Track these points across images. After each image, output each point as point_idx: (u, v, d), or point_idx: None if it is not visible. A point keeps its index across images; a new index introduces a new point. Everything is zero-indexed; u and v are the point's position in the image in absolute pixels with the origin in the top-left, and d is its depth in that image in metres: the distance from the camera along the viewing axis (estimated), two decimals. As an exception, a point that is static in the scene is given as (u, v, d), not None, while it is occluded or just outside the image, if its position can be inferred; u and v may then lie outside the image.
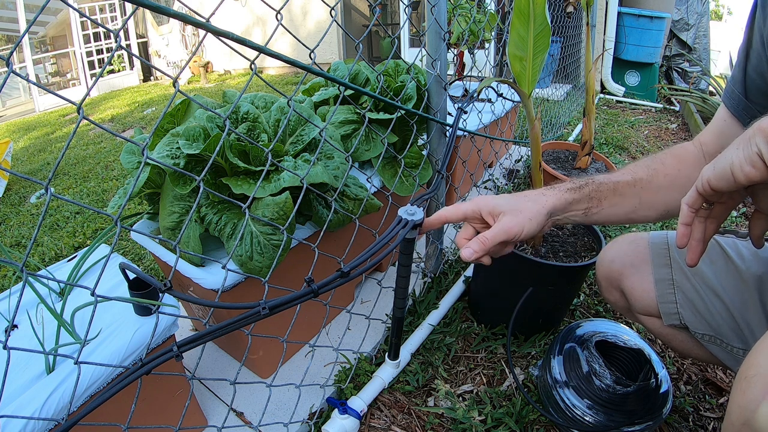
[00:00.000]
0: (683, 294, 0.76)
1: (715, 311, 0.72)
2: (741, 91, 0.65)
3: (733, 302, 0.70)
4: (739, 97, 0.65)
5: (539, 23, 0.86)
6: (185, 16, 0.51)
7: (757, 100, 0.63)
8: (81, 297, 0.79)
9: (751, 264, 0.71)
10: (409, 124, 1.18)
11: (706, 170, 0.47)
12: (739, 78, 0.65)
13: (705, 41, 3.82)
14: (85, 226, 2.02)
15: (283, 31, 0.68)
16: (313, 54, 0.68)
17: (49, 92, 0.47)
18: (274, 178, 0.86)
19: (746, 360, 0.43)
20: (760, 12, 0.60)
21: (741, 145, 0.43)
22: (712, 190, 0.47)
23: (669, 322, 0.78)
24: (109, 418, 0.70)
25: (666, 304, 0.77)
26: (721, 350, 0.73)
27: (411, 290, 1.31)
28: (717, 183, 0.45)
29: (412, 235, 0.71)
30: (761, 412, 0.38)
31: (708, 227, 0.52)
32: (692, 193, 0.50)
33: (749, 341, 0.68)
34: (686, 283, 0.75)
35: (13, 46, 0.39)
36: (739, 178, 0.43)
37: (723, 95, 0.69)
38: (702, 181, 0.48)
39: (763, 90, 0.62)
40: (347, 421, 0.90)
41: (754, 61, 0.62)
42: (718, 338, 0.72)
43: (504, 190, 2.03)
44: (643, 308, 0.81)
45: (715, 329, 0.72)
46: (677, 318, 0.76)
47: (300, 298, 0.60)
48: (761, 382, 0.39)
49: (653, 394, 0.85)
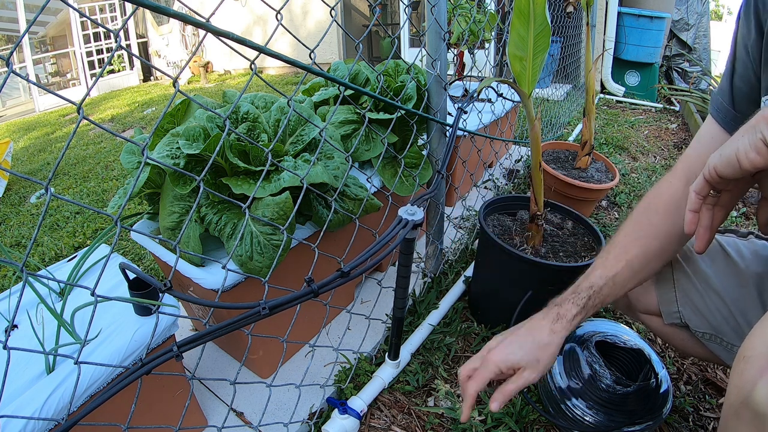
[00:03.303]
0: (684, 292, 0.76)
1: (716, 310, 0.72)
2: (729, 101, 0.66)
3: (734, 301, 0.70)
4: (727, 109, 0.66)
5: (539, 23, 0.86)
6: (185, 16, 0.51)
7: (745, 110, 0.64)
8: (81, 297, 0.79)
9: (751, 263, 0.71)
10: (409, 124, 1.18)
11: (713, 157, 0.48)
12: (726, 89, 0.66)
13: (705, 41, 3.82)
14: (85, 226, 2.02)
15: (283, 31, 0.68)
16: (313, 54, 0.68)
17: (49, 92, 0.47)
18: (274, 178, 0.86)
19: (744, 342, 0.44)
20: (743, 21, 0.61)
21: (746, 133, 0.44)
22: (719, 177, 0.47)
23: (669, 320, 0.78)
24: (109, 418, 0.70)
25: (667, 303, 0.78)
26: (722, 349, 0.73)
27: (411, 290, 1.31)
28: (723, 170, 0.46)
29: (412, 235, 0.71)
30: (758, 390, 0.38)
31: (716, 215, 0.53)
32: (700, 180, 0.51)
33: None
34: (687, 281, 0.76)
35: (13, 46, 0.39)
36: (744, 164, 0.44)
37: (711, 107, 0.70)
38: (709, 168, 0.48)
39: (750, 97, 0.63)
40: (347, 421, 0.90)
41: (740, 70, 0.63)
42: (718, 337, 0.73)
43: (504, 190, 2.03)
44: (643, 307, 0.82)
45: (716, 328, 0.72)
46: (678, 317, 0.76)
47: (300, 298, 0.60)
48: (758, 362, 0.40)
49: (653, 394, 0.85)
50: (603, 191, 1.63)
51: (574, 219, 1.23)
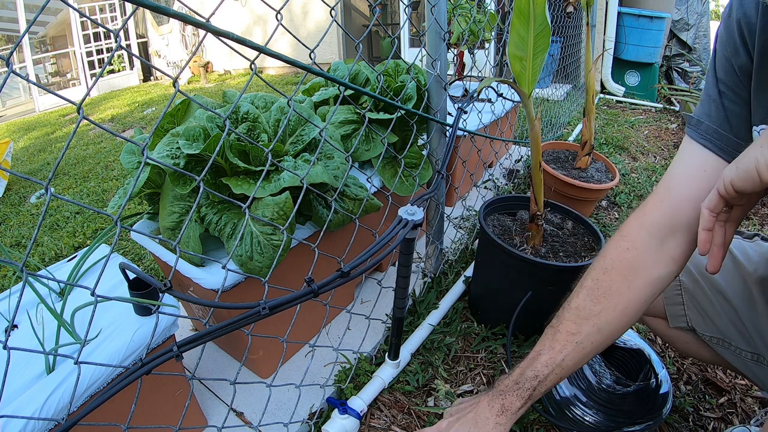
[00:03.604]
0: (691, 296, 0.74)
1: (723, 314, 0.71)
2: (727, 129, 0.59)
3: (741, 305, 0.69)
4: (727, 136, 0.59)
5: (539, 23, 0.86)
6: (185, 16, 0.51)
7: (744, 136, 0.58)
8: (81, 297, 0.79)
9: (759, 266, 0.70)
10: (409, 124, 1.18)
11: (728, 171, 0.45)
12: (719, 116, 0.60)
13: (705, 41, 3.82)
14: (85, 226, 2.02)
15: (283, 31, 0.68)
16: (313, 54, 0.68)
17: (49, 92, 0.47)
18: (274, 178, 0.86)
19: None
20: (728, 44, 0.58)
21: (765, 143, 0.41)
22: (736, 192, 0.45)
23: (676, 324, 0.76)
24: (109, 418, 0.70)
25: (673, 306, 0.76)
26: (730, 353, 0.72)
27: (411, 290, 1.31)
28: (742, 184, 0.44)
29: (412, 235, 0.71)
30: None
31: (727, 231, 0.50)
32: (713, 197, 0.48)
33: (758, 345, 0.67)
34: (694, 285, 0.74)
35: (13, 46, 0.39)
36: (765, 177, 0.41)
37: (698, 134, 0.61)
38: (724, 184, 0.45)
39: (744, 118, 0.58)
40: (347, 421, 0.90)
41: (727, 93, 0.59)
42: (726, 341, 0.71)
43: (504, 190, 2.03)
44: (648, 310, 0.80)
45: (723, 332, 0.71)
46: (684, 320, 0.75)
47: (300, 298, 0.60)
48: None
49: (653, 394, 0.85)
50: (603, 191, 1.63)
51: (574, 219, 1.23)
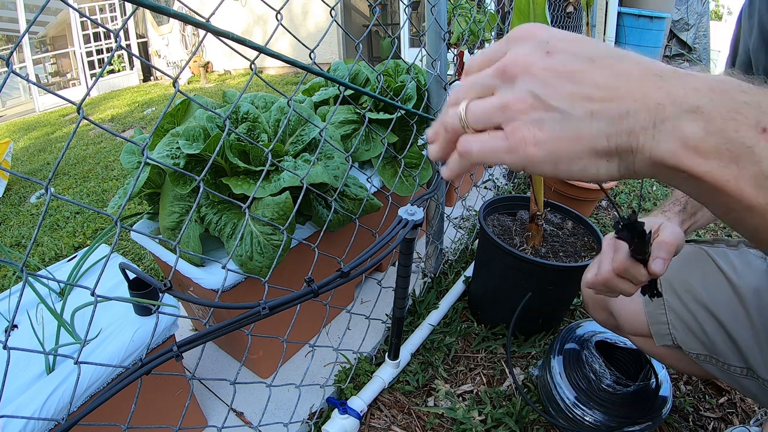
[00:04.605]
0: (675, 313, 0.71)
1: (709, 330, 0.68)
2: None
3: (728, 318, 0.66)
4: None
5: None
6: (185, 16, 0.51)
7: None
8: (81, 297, 0.79)
9: (745, 275, 0.67)
10: (409, 124, 1.18)
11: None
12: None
13: (705, 41, 3.83)
14: (85, 226, 2.02)
15: (283, 31, 0.68)
16: (313, 54, 0.68)
17: (49, 92, 0.47)
18: (274, 178, 0.86)
19: None
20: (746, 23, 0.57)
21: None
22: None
23: (661, 342, 0.73)
24: (109, 418, 0.70)
25: (657, 325, 0.73)
26: (718, 370, 0.69)
27: (411, 290, 1.31)
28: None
29: (412, 235, 0.71)
30: None
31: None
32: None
33: (748, 358, 0.64)
34: (677, 302, 0.71)
35: (13, 46, 0.39)
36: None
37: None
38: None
39: None
40: (347, 421, 0.90)
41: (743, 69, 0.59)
42: (713, 357, 0.68)
43: (504, 190, 2.03)
44: (632, 329, 0.77)
45: (710, 348, 0.68)
46: (669, 339, 0.72)
47: (300, 298, 0.60)
48: None
49: (653, 394, 0.85)
50: (603, 191, 1.63)
51: (574, 219, 1.23)
